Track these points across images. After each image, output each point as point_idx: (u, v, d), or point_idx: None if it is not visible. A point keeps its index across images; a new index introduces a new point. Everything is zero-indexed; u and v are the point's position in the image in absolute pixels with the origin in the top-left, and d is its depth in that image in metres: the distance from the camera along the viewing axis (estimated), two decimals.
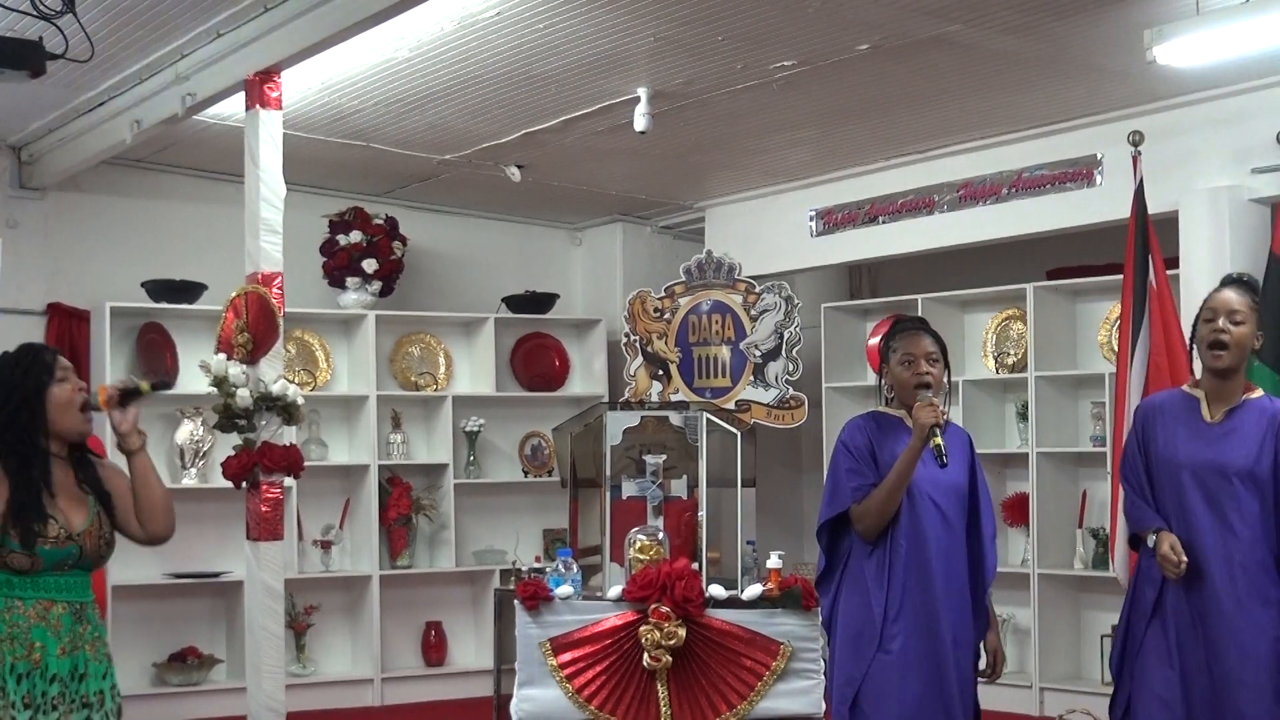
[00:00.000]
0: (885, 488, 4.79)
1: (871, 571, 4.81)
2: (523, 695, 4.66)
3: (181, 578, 8.58)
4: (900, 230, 8.65)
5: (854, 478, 4.88)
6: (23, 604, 4.08)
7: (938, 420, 4.72)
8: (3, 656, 4.03)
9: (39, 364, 4.17)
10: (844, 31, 6.40)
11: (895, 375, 4.94)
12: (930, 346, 4.94)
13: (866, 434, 4.95)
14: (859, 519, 4.85)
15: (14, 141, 8.58)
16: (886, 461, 4.83)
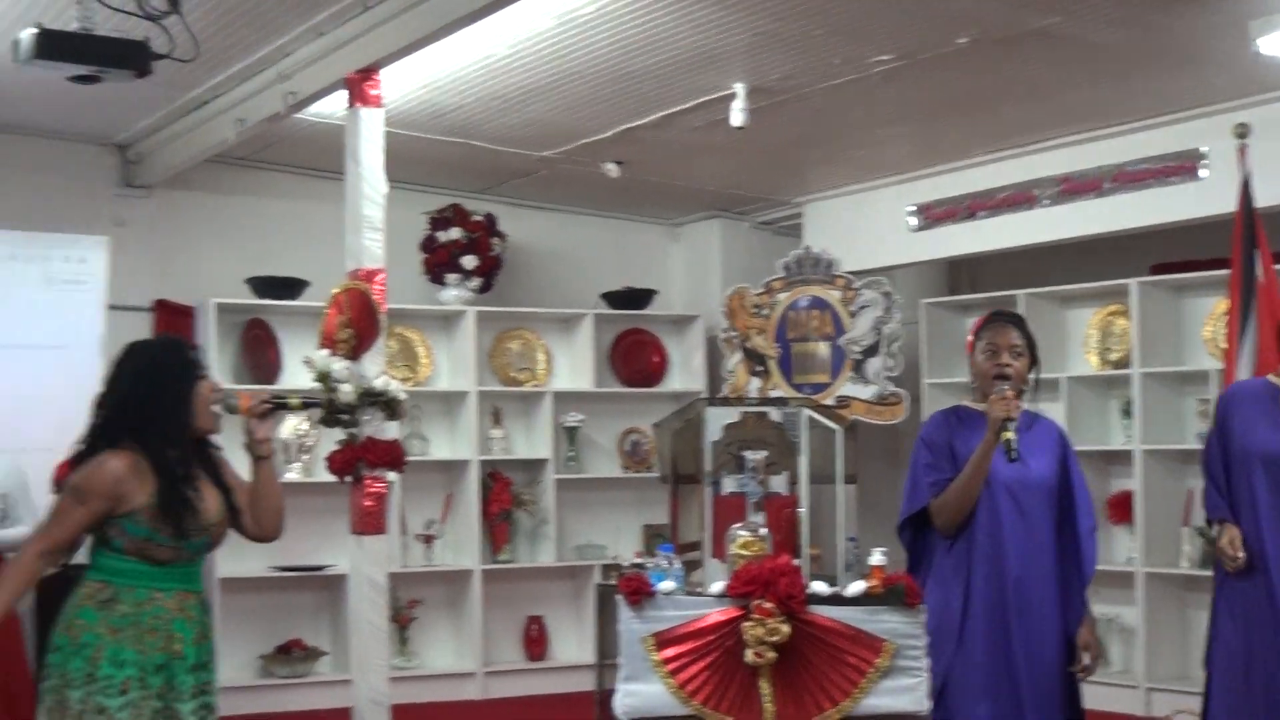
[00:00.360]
0: (960, 482, 4.77)
1: (950, 567, 4.79)
2: (626, 690, 4.65)
3: (287, 571, 8.68)
4: (1001, 225, 8.57)
5: (931, 473, 4.86)
6: (163, 595, 4.15)
7: (1009, 414, 4.67)
8: (145, 648, 4.10)
9: (191, 360, 4.26)
10: (944, 24, 6.36)
11: (977, 365, 4.91)
12: (1016, 339, 4.89)
13: (945, 428, 4.93)
14: (936, 514, 4.83)
15: (120, 140, 8.72)
16: (965, 455, 4.80)
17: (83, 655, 4.05)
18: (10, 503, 7.06)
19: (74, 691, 4.02)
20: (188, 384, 4.21)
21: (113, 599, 4.10)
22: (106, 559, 4.14)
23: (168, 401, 4.18)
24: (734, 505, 5.42)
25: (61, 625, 4.13)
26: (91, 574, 4.17)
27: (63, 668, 4.06)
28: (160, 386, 4.18)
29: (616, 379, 9.92)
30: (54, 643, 4.12)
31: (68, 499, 4.12)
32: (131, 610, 4.10)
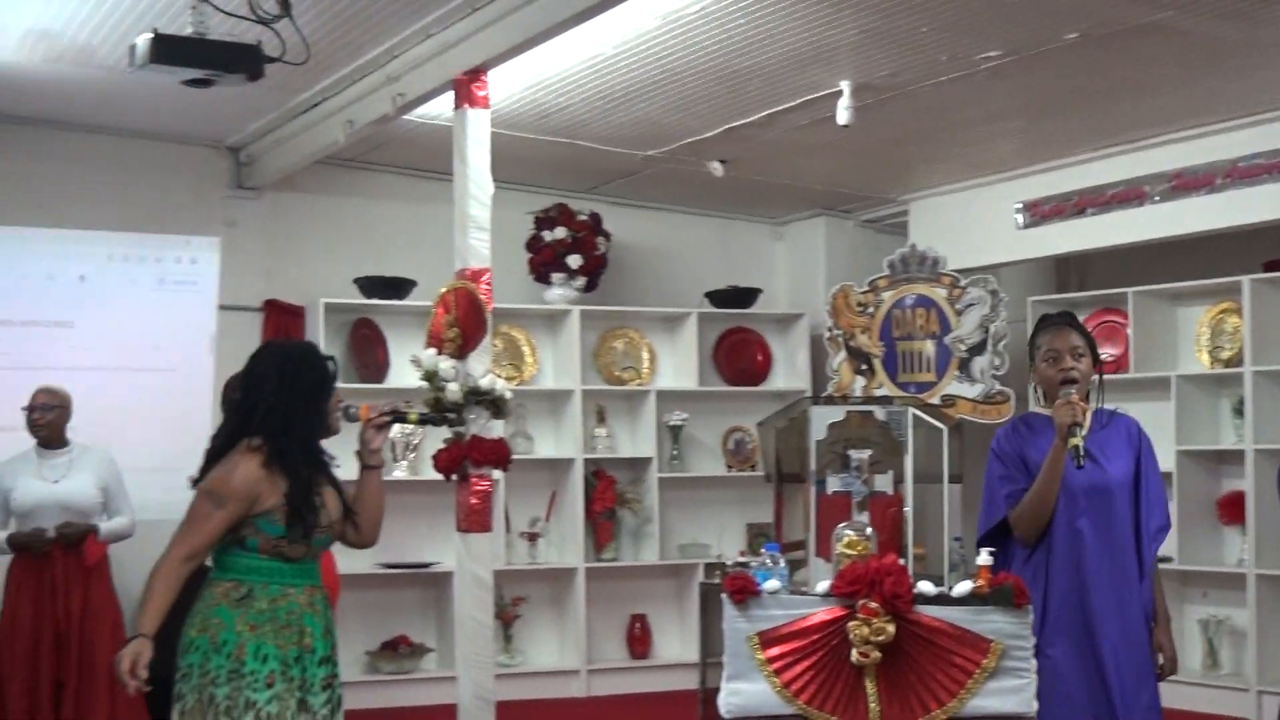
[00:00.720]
0: (1034, 490, 4.74)
1: (1028, 576, 4.75)
2: (730, 689, 4.66)
3: (393, 568, 8.76)
4: (1110, 222, 8.47)
5: (1006, 484, 4.84)
6: (294, 591, 4.26)
7: (1075, 419, 4.63)
8: (282, 642, 4.18)
9: (326, 371, 4.36)
10: (1052, 20, 6.30)
11: (1040, 372, 4.87)
12: (1076, 341, 4.85)
13: (1015, 438, 4.90)
14: (1015, 525, 4.81)
15: (232, 143, 8.85)
16: (1036, 463, 4.78)
17: (223, 653, 4.14)
18: (110, 495, 7.20)
19: (219, 689, 4.10)
20: (326, 394, 4.33)
21: (248, 596, 4.20)
22: (239, 558, 4.23)
23: (308, 409, 4.29)
24: (838, 504, 5.40)
25: (195, 625, 4.21)
26: (222, 574, 4.26)
27: (203, 666, 4.14)
28: (303, 394, 4.28)
29: (720, 378, 9.92)
30: (190, 643, 4.19)
31: (205, 503, 4.20)
32: (267, 607, 4.20)
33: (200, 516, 4.20)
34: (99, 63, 7.09)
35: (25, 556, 6.98)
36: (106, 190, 8.58)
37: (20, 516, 7.02)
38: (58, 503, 7.01)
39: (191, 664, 4.17)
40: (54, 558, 6.95)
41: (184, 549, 4.19)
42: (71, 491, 7.06)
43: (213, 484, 4.20)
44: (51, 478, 7.07)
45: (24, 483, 7.02)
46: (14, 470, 7.08)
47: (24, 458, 7.15)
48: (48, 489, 7.03)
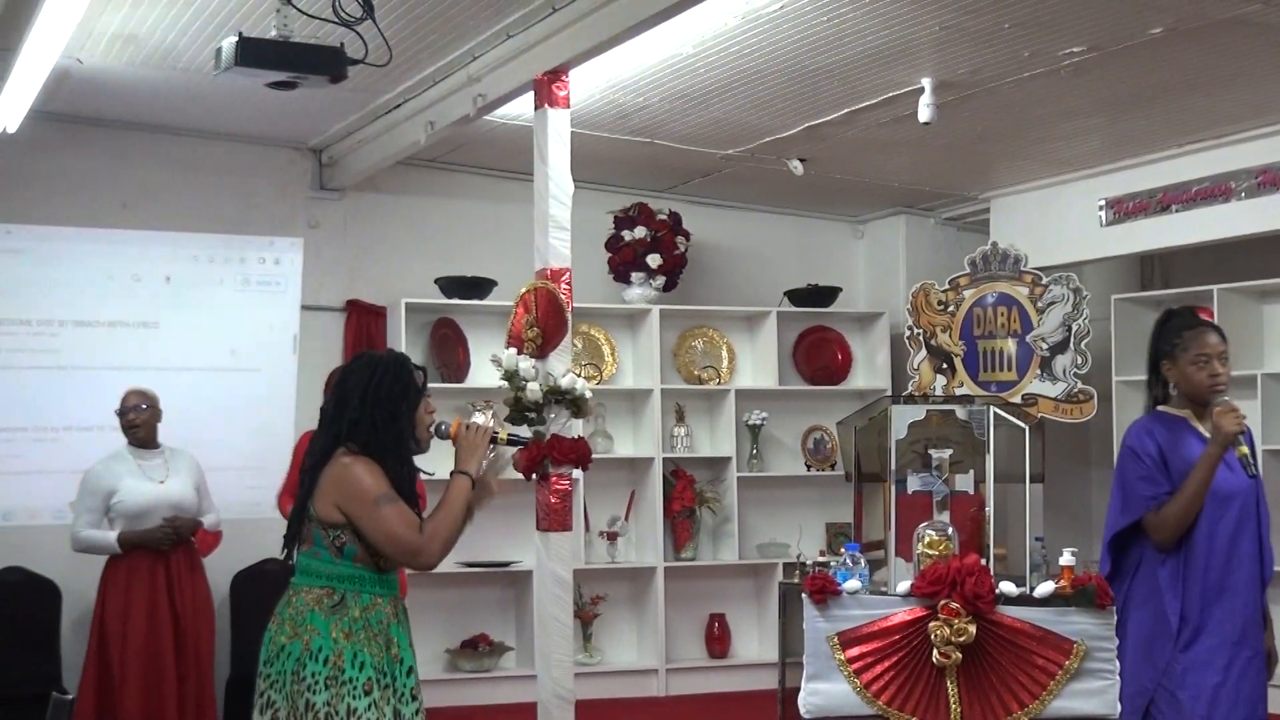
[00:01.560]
0: (1185, 496, 4.69)
1: (1165, 579, 4.70)
2: (810, 689, 4.66)
3: (474, 567, 8.81)
4: (1195, 219, 8.37)
5: (1147, 486, 4.78)
6: (382, 600, 4.29)
7: (1242, 428, 4.59)
8: (375, 650, 4.21)
9: (410, 383, 4.36)
10: (1136, 15, 6.24)
11: (1185, 374, 4.81)
12: (1221, 345, 4.81)
13: (1155, 438, 4.84)
14: (1156, 529, 4.75)
15: (315, 144, 8.93)
16: (1177, 467, 4.72)
17: (319, 659, 4.16)
18: (199, 495, 7.30)
19: (317, 695, 4.13)
20: (410, 406, 4.34)
21: (340, 604, 4.22)
22: (333, 565, 4.25)
23: (392, 421, 4.30)
24: (918, 504, 5.38)
25: (286, 632, 4.23)
26: (313, 580, 4.27)
27: (298, 673, 4.16)
28: (386, 406, 4.30)
29: (800, 377, 9.90)
30: (280, 649, 4.22)
31: (391, 506, 4.21)
32: (360, 615, 4.22)
33: (399, 514, 4.22)
34: (184, 66, 7.18)
35: (137, 555, 7.04)
36: (191, 192, 8.69)
37: (129, 518, 7.09)
38: (168, 502, 7.11)
39: (284, 670, 4.19)
40: (168, 554, 7.05)
41: (411, 532, 4.22)
42: (178, 492, 7.17)
43: (373, 494, 4.21)
44: (156, 478, 7.17)
45: (130, 484, 7.10)
46: (114, 472, 7.16)
47: (118, 459, 7.22)
48: (157, 489, 7.12)
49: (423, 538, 4.22)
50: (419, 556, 4.23)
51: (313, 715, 4.12)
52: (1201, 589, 4.69)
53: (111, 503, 7.08)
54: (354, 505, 4.20)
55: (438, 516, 4.28)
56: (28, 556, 8.09)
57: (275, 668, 4.22)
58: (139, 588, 7.03)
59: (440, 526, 4.27)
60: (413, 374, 4.39)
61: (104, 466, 7.19)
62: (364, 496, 4.19)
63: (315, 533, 4.28)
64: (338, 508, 4.23)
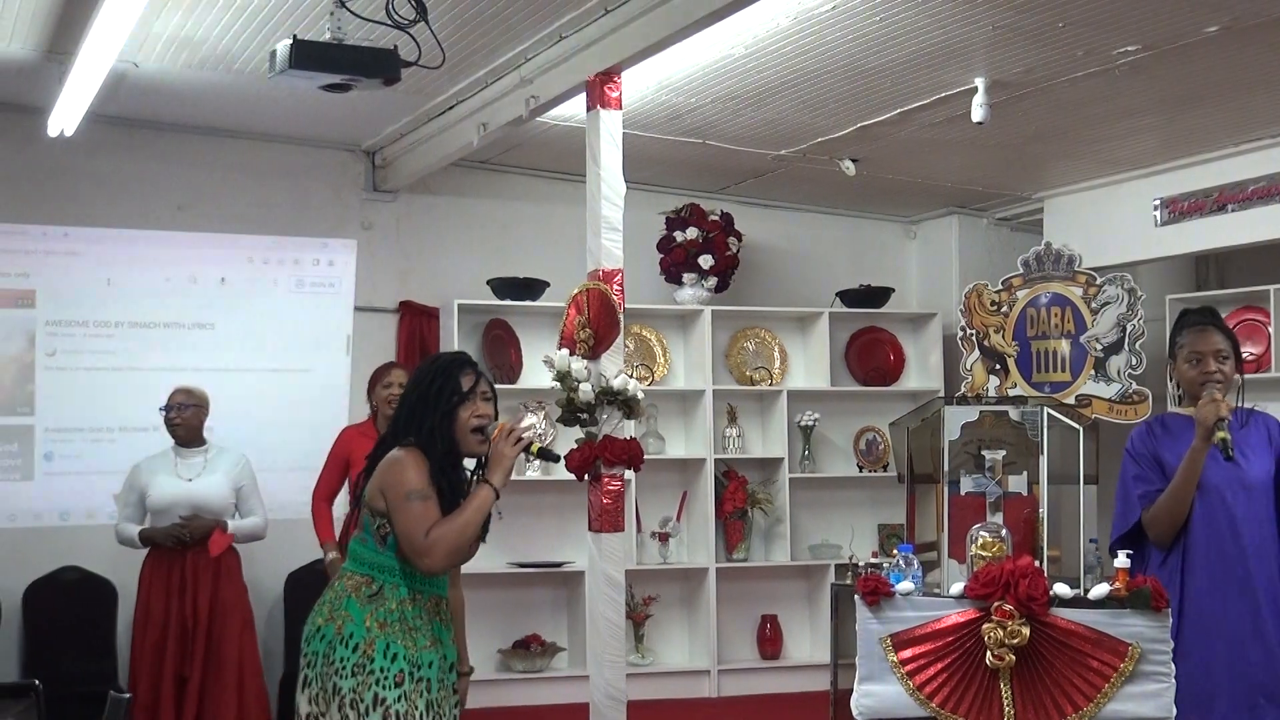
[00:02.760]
0: (1170, 492, 4.68)
1: (1165, 578, 4.69)
2: (863, 690, 4.65)
3: (526, 567, 8.83)
4: (1251, 218, 8.30)
5: (1140, 485, 4.78)
6: (421, 596, 4.31)
7: (1221, 415, 4.55)
8: (410, 644, 4.22)
9: (451, 385, 4.37)
10: (1191, 13, 6.19)
11: (1181, 373, 4.81)
12: (1220, 343, 4.78)
13: (1151, 439, 4.84)
14: (1150, 525, 4.75)
15: (368, 146, 8.97)
16: (1171, 465, 4.71)
17: (349, 645, 4.19)
18: (242, 496, 7.35)
19: (344, 681, 4.16)
20: (447, 411, 4.34)
21: (378, 594, 4.25)
22: (377, 555, 4.29)
23: (441, 420, 4.32)
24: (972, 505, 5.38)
25: (323, 614, 4.28)
26: (356, 566, 4.32)
27: (328, 655, 4.20)
28: (434, 405, 4.33)
29: (852, 378, 9.87)
30: (316, 630, 4.27)
31: (418, 502, 4.22)
32: (395, 607, 4.25)
33: (420, 512, 4.21)
34: (240, 69, 7.23)
35: (158, 552, 7.16)
36: (246, 194, 8.75)
37: (155, 514, 7.21)
38: (190, 501, 7.17)
39: (316, 651, 4.24)
40: (183, 553, 7.11)
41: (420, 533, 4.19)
42: (204, 490, 7.21)
43: (405, 488, 4.22)
44: (186, 476, 7.24)
45: (159, 480, 7.21)
46: (151, 468, 7.27)
47: (162, 456, 7.34)
48: (181, 487, 7.19)
49: (428, 540, 4.18)
50: (421, 558, 4.20)
51: (339, 699, 4.16)
52: (1196, 587, 4.68)
53: (145, 498, 7.20)
54: (389, 496, 4.25)
55: (447, 522, 4.24)
56: (84, 556, 8.17)
57: (311, 647, 4.27)
58: (158, 585, 7.15)
59: (447, 533, 4.21)
60: (457, 376, 4.38)
61: (145, 463, 7.32)
62: (398, 489, 4.23)
63: (365, 519, 4.33)
64: (382, 495, 4.27)
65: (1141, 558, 4.87)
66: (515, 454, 4.38)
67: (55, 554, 8.17)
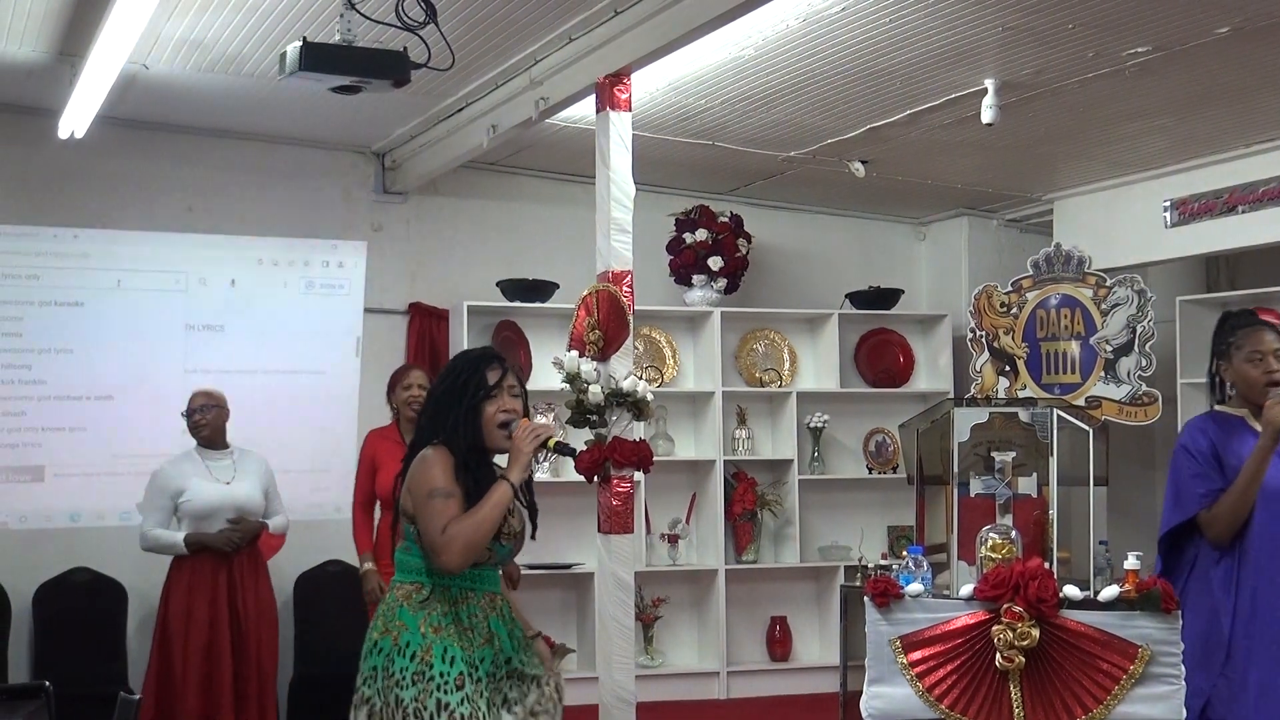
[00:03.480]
0: (1235, 492, 4.64)
1: (1219, 579, 4.66)
2: (872, 692, 4.65)
3: (535, 569, 8.82)
4: (1262, 219, 8.29)
5: (1200, 483, 4.74)
6: (474, 595, 4.25)
7: None
8: (467, 644, 4.17)
9: (476, 380, 4.32)
10: (1202, 14, 6.19)
11: (1240, 372, 4.78)
12: (1275, 342, 4.76)
13: (1208, 436, 4.81)
14: (1209, 526, 4.71)
15: (378, 148, 8.98)
16: (1231, 464, 4.68)
17: (407, 655, 4.13)
18: (268, 498, 7.33)
19: (405, 691, 4.09)
20: (475, 402, 4.29)
21: (429, 599, 4.20)
22: (423, 560, 4.23)
23: (465, 416, 4.27)
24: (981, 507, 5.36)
25: (378, 628, 4.22)
26: (405, 576, 4.26)
27: (388, 669, 4.14)
28: (457, 401, 4.29)
29: (861, 379, 9.87)
30: (373, 645, 4.21)
31: (439, 500, 4.16)
32: (449, 609, 4.19)
33: (439, 510, 4.14)
34: (249, 71, 7.24)
35: (201, 557, 7.08)
36: (256, 196, 8.76)
37: (195, 518, 7.12)
38: (233, 504, 7.13)
39: (375, 666, 4.18)
40: (232, 556, 7.09)
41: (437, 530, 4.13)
42: (244, 493, 7.19)
43: (428, 487, 4.18)
44: (223, 479, 7.19)
45: (197, 484, 7.12)
46: (182, 473, 7.18)
47: (187, 459, 7.25)
48: (223, 490, 7.14)
49: (444, 537, 4.11)
50: (438, 556, 4.13)
51: (401, 711, 4.09)
52: (1254, 589, 4.65)
53: (179, 503, 7.12)
54: (413, 495, 4.21)
55: (464, 519, 4.16)
56: (94, 557, 8.18)
57: (369, 663, 4.21)
58: (202, 589, 7.05)
59: (463, 530, 4.13)
60: (480, 371, 4.32)
61: (173, 466, 7.22)
62: (421, 488, 4.18)
63: (406, 527, 4.27)
64: (410, 497, 4.24)
65: (1182, 553, 4.84)
66: (532, 448, 4.30)
67: (65, 555, 8.18)
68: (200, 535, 7.04)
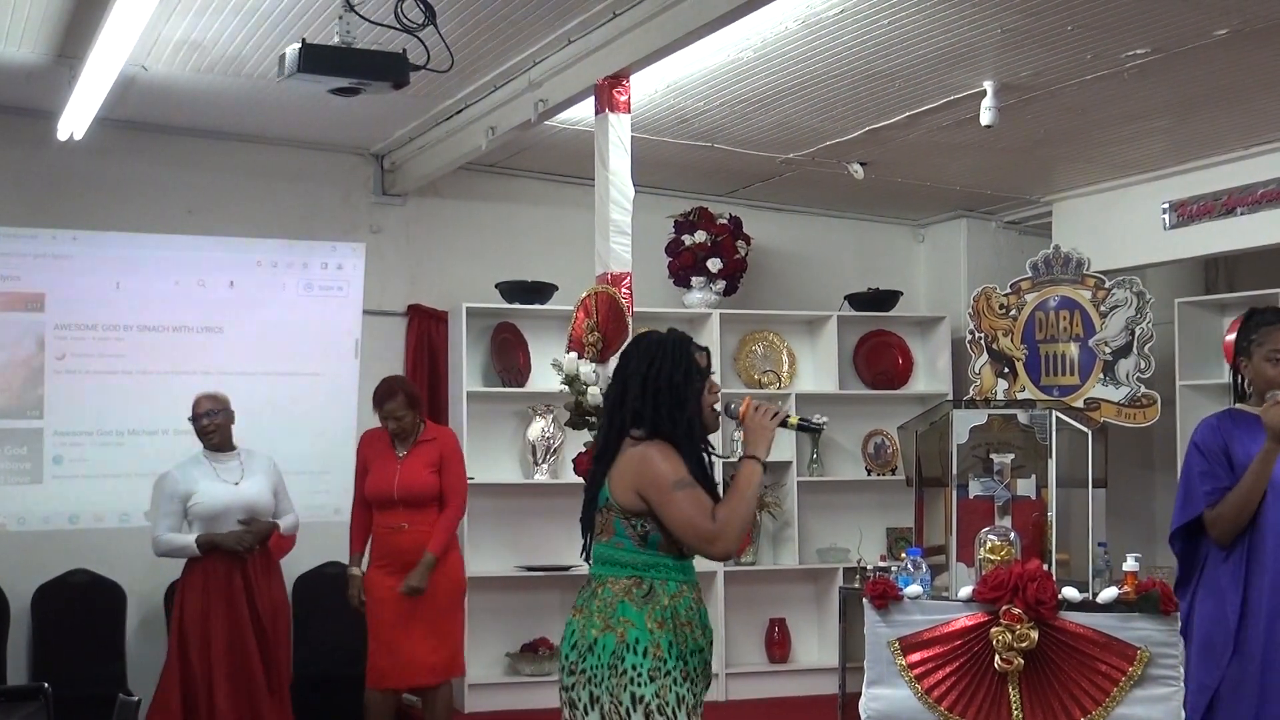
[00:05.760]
0: (1240, 491, 4.64)
1: (1227, 576, 4.66)
2: (871, 694, 4.65)
3: (533, 571, 8.83)
4: (1260, 221, 8.30)
5: (1207, 481, 4.73)
6: (687, 588, 4.21)
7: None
8: (685, 639, 4.14)
9: (690, 363, 4.23)
10: (1200, 16, 6.19)
11: (1259, 370, 4.77)
12: None
13: (1221, 434, 4.80)
14: (1213, 524, 4.70)
15: (377, 150, 8.98)
16: (1242, 462, 4.68)
17: (639, 651, 4.07)
18: (277, 498, 7.33)
19: (644, 688, 4.04)
20: (691, 387, 4.20)
21: (650, 593, 4.13)
22: (638, 554, 4.16)
23: (674, 402, 4.18)
24: (980, 509, 5.36)
25: (596, 625, 4.14)
26: (618, 570, 4.18)
27: (616, 666, 4.08)
28: (676, 392, 4.18)
29: (860, 381, 9.87)
30: (592, 643, 4.13)
31: (686, 491, 4.10)
32: (669, 603, 4.13)
33: (693, 499, 4.08)
34: (249, 73, 7.24)
35: (214, 558, 7.06)
36: (255, 198, 8.76)
37: (205, 520, 7.11)
38: (243, 505, 7.11)
39: (600, 664, 4.09)
40: (245, 557, 7.07)
41: (706, 518, 4.08)
42: (253, 493, 7.17)
43: (670, 478, 4.08)
44: (231, 480, 7.18)
45: (206, 486, 7.10)
46: (190, 475, 7.16)
47: (195, 462, 7.23)
48: (232, 491, 7.13)
49: (716, 524, 4.06)
50: (715, 543, 4.07)
51: (643, 709, 4.04)
52: (1261, 587, 4.65)
53: (189, 505, 7.11)
54: (652, 491, 4.10)
55: (729, 503, 4.11)
56: (94, 559, 8.18)
57: (589, 662, 4.11)
58: (217, 591, 7.02)
59: (733, 513, 4.08)
60: (694, 356, 4.25)
61: (180, 470, 7.20)
62: (660, 481, 4.08)
63: (616, 522, 4.19)
64: (638, 494, 4.12)
65: (1195, 551, 4.84)
66: (774, 427, 4.26)
67: (64, 557, 8.17)
68: (212, 536, 7.02)
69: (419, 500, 7.17)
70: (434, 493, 7.21)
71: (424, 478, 7.18)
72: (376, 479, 7.21)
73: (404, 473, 7.19)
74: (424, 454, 7.24)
